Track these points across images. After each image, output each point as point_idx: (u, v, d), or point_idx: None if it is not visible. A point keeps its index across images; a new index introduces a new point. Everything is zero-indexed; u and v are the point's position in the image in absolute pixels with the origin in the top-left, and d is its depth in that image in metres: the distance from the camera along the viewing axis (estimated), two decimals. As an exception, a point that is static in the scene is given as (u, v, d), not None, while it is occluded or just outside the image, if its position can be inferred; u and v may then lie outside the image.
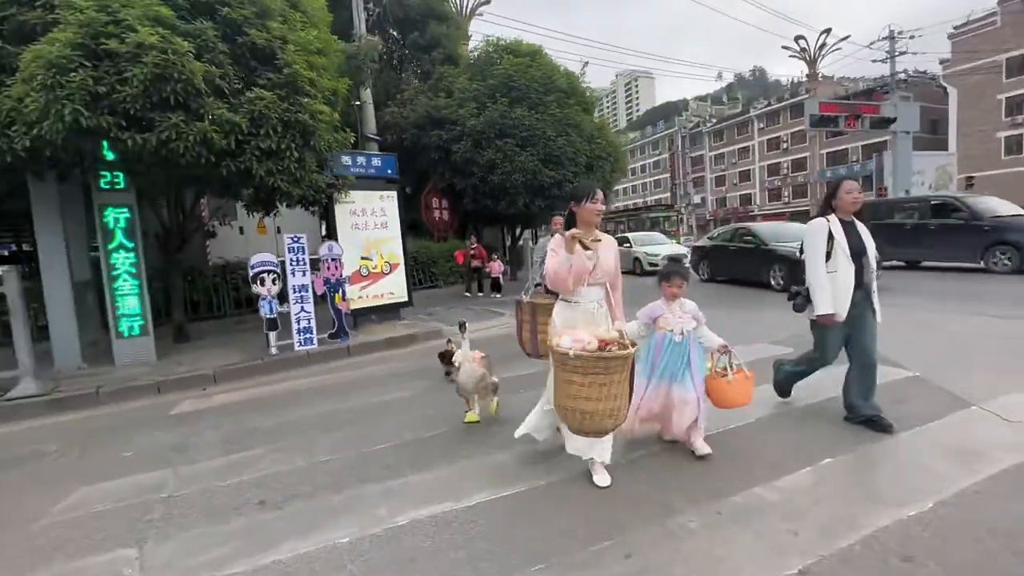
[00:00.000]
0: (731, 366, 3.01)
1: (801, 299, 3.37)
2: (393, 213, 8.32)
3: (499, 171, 11.23)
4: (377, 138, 12.19)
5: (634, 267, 14.32)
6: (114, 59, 4.42)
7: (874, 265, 3.18)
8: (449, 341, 5.11)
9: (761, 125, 53.43)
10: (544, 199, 11.66)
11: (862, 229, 3.19)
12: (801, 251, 3.37)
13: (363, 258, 7.95)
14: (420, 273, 12.04)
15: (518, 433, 2.93)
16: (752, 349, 4.94)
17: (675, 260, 3.54)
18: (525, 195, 11.48)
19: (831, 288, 3.13)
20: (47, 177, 5.71)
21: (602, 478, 2.69)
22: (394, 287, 8.35)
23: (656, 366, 3.03)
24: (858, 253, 3.12)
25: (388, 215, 8.25)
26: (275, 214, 8.12)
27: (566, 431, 2.69)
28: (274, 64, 5.45)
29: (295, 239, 6.68)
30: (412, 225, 16.34)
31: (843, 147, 44.47)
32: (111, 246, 6.16)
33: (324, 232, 9.81)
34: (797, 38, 32.31)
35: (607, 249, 2.79)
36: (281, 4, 5.84)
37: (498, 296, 10.71)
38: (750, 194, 54.71)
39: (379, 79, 13.62)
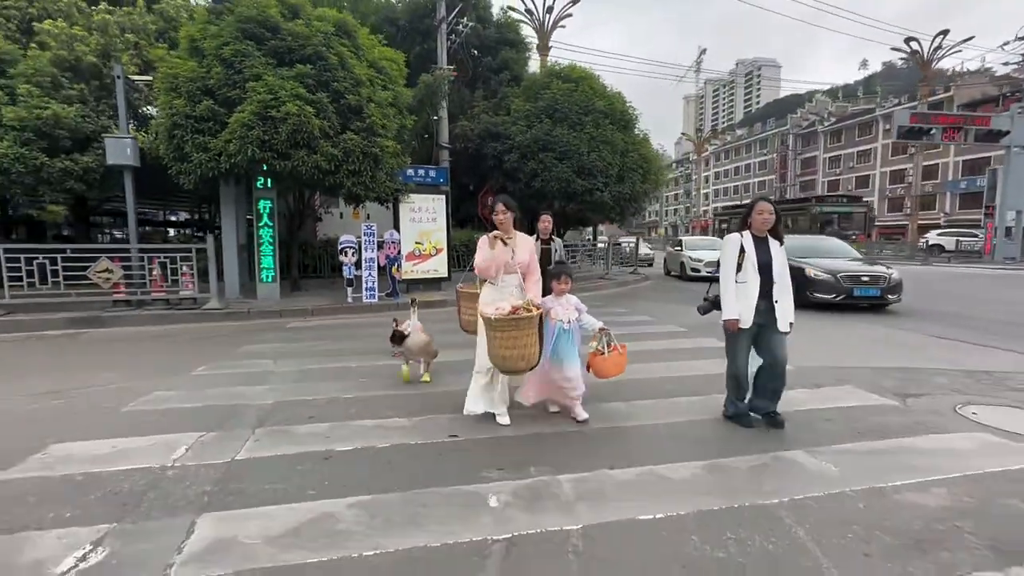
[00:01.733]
0: (607, 345, 3.68)
1: (706, 304, 3.85)
2: (441, 211, 11.50)
3: (540, 179, 13.95)
4: (448, 146, 15.48)
5: (681, 271, 15.42)
6: (273, 120, 7.95)
7: (777, 279, 3.51)
8: (395, 321, 5.58)
9: (887, 127, 49.22)
10: (575, 204, 14.19)
11: (773, 246, 3.57)
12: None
13: (416, 243, 11.24)
14: (467, 257, 15.15)
15: (467, 411, 3.65)
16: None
17: (560, 262, 4.57)
18: (560, 200, 14.10)
19: (738, 297, 3.51)
20: (230, 181, 9.61)
21: (503, 418, 3.61)
22: (438, 266, 11.56)
23: (550, 349, 3.62)
24: (765, 267, 3.51)
25: (437, 212, 11.44)
26: (362, 206, 11.72)
27: (469, 393, 3.67)
28: (361, 115, 8.77)
29: (368, 227, 10.09)
30: (468, 218, 19.50)
31: (984, 155, 39.85)
32: (260, 224, 9.98)
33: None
34: (908, 40, 30.35)
35: (522, 246, 3.72)
36: (369, 72, 9.17)
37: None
38: (867, 203, 51.10)
39: (455, 96, 16.87)
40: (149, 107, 11.02)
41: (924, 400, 4.22)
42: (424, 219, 11.29)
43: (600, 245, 17.18)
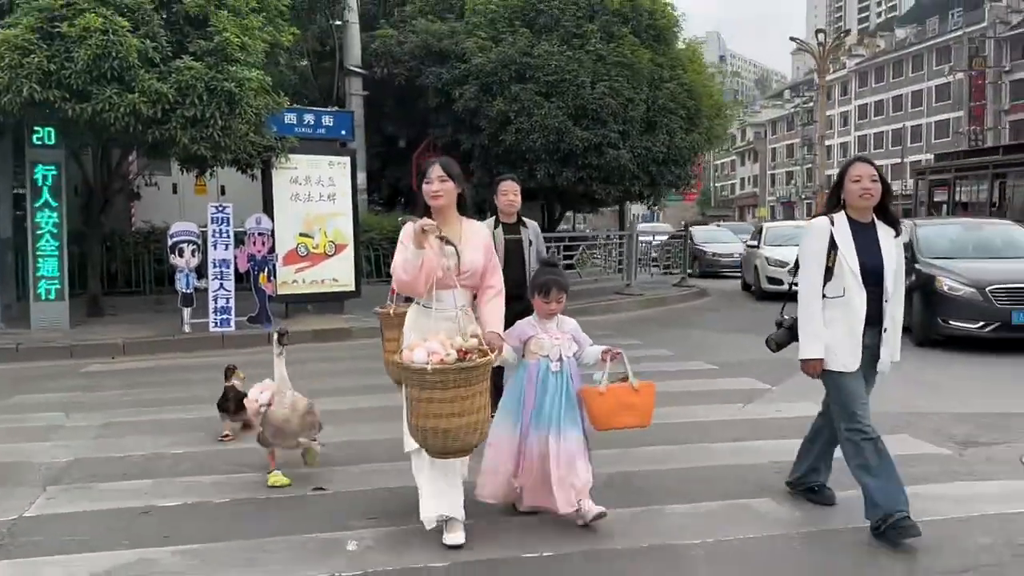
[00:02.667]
0: (629, 374, 4.08)
1: (782, 332, 4.30)
2: (344, 183, 12.91)
3: (514, 128, 15.46)
4: (361, 71, 17.08)
5: (756, 280, 16.98)
6: (64, 40, 9.32)
7: (891, 290, 3.99)
8: (231, 370, 6.03)
9: None
10: (575, 169, 15.68)
11: (885, 237, 4.03)
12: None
13: (302, 235, 12.59)
14: (382, 260, 16.45)
15: (426, 518, 3.92)
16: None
17: (549, 264, 4.75)
18: (548, 162, 15.58)
19: (829, 321, 4.03)
20: (-13, 134, 10.96)
21: (455, 536, 3.84)
22: (339, 273, 12.91)
23: (532, 409, 4.04)
24: (874, 272, 3.97)
25: (337, 186, 12.85)
26: (210, 174, 13.08)
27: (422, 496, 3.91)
28: (205, 30, 10.19)
29: (219, 208, 11.44)
30: (396, 193, 20.86)
31: None
32: (37, 204, 11.28)
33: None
34: None
35: (472, 242, 4.00)
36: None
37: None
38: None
39: (374, -15, 18.54)
40: None
41: (990, 449, 5.62)
42: (315, 195, 12.65)
43: (613, 238, 18.56)
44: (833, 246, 3.97)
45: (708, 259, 23.96)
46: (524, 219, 6.39)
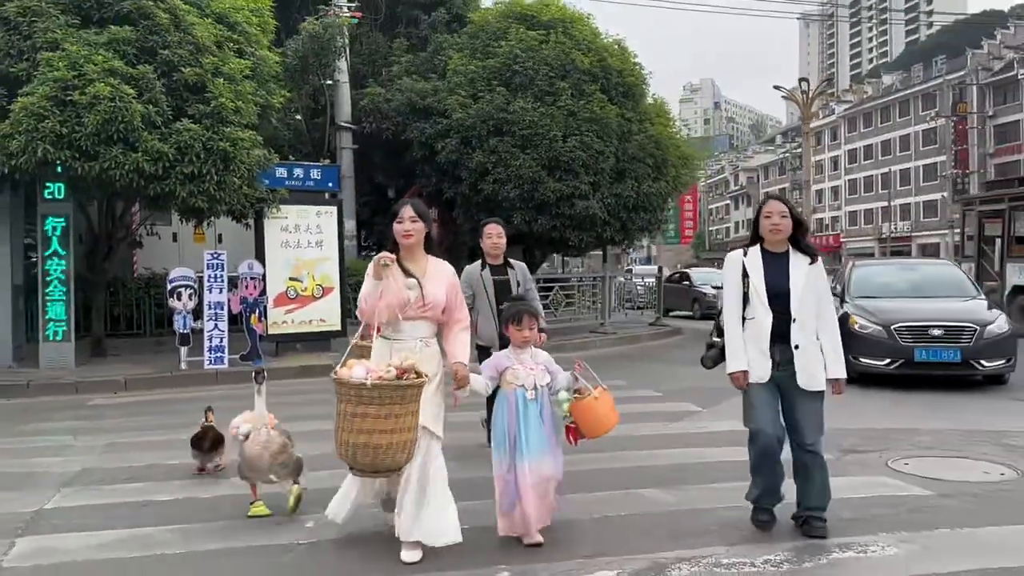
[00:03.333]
0: (590, 385, 4.56)
1: (713, 352, 4.83)
2: (331, 231, 14.00)
3: (491, 178, 16.59)
4: (351, 126, 18.28)
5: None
6: (76, 106, 10.46)
7: (797, 310, 4.50)
8: (208, 411, 6.22)
9: None
10: (549, 217, 16.78)
11: (797, 265, 4.56)
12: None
13: (291, 279, 13.64)
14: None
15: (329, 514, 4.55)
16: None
17: (518, 298, 5.25)
18: (524, 210, 16.68)
19: (744, 340, 4.55)
20: (4, 189, 12.05)
21: (412, 553, 4.18)
22: (326, 314, 13.94)
23: (518, 438, 4.36)
24: (780, 295, 4.49)
25: (324, 233, 13.93)
26: (208, 224, 14.17)
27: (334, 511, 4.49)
28: (203, 95, 11.35)
29: (215, 255, 12.51)
30: (385, 240, 22.06)
31: None
32: (47, 253, 12.35)
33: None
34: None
35: (437, 278, 4.37)
36: (216, 32, 11.83)
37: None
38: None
39: (364, 46, 19.84)
40: None
41: (865, 455, 6.70)
42: (304, 242, 13.73)
43: (587, 280, 19.57)
44: (745, 274, 4.59)
45: (708, 301, 23.82)
46: (510, 260, 6.73)
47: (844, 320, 10.55)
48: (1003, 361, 10.39)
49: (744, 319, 4.60)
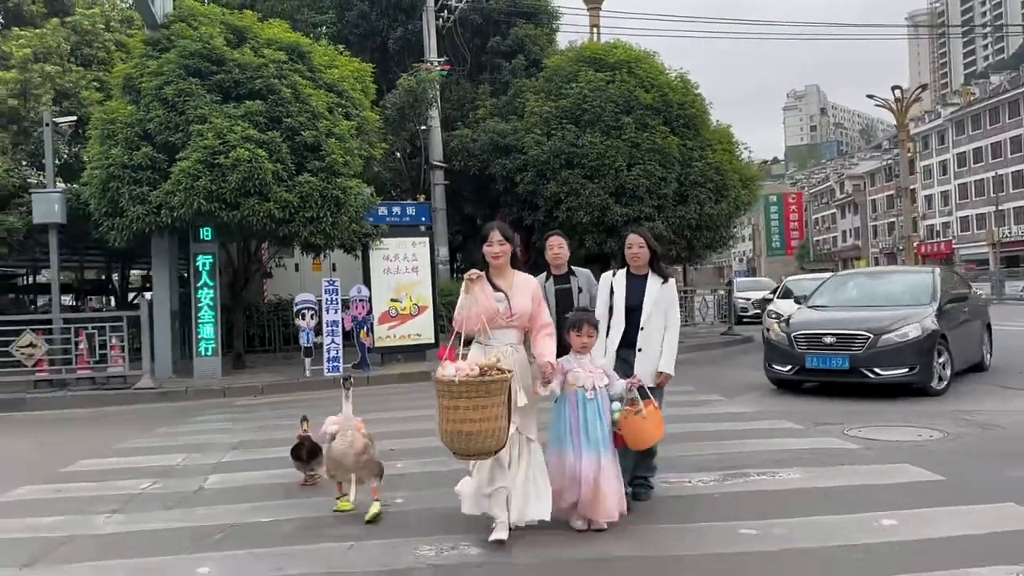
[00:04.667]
0: (640, 399, 5.08)
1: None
2: (424, 258, 16.53)
3: (564, 206, 18.82)
4: (443, 165, 20.85)
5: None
6: (221, 168, 13.29)
7: (645, 320, 5.63)
8: (304, 421, 6.60)
9: None
10: (617, 239, 18.80)
11: (653, 284, 5.73)
12: None
13: (392, 300, 16.21)
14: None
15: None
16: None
17: (583, 310, 5.76)
18: (595, 233, 18.82)
19: (606, 344, 5.65)
20: (164, 235, 15.05)
21: (500, 533, 4.76)
22: (421, 329, 16.44)
23: (579, 432, 4.95)
24: (633, 309, 5.65)
25: (419, 260, 16.47)
26: (324, 255, 16.96)
27: (462, 492, 5.01)
28: (319, 153, 14.06)
29: (331, 282, 15.17)
30: (475, 263, 24.52)
31: None
32: (198, 284, 15.27)
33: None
34: None
35: (521, 291, 5.00)
36: (327, 99, 14.55)
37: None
38: None
39: (453, 92, 22.42)
40: (68, 150, 16.95)
41: (832, 427, 8.59)
42: (402, 269, 16.29)
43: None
44: (612, 291, 5.88)
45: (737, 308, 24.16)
46: (574, 268, 6.97)
47: (766, 330, 11.51)
48: (902, 370, 10.12)
49: (609, 327, 5.79)
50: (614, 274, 5.98)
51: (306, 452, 6.45)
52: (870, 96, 51.01)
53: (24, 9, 19.57)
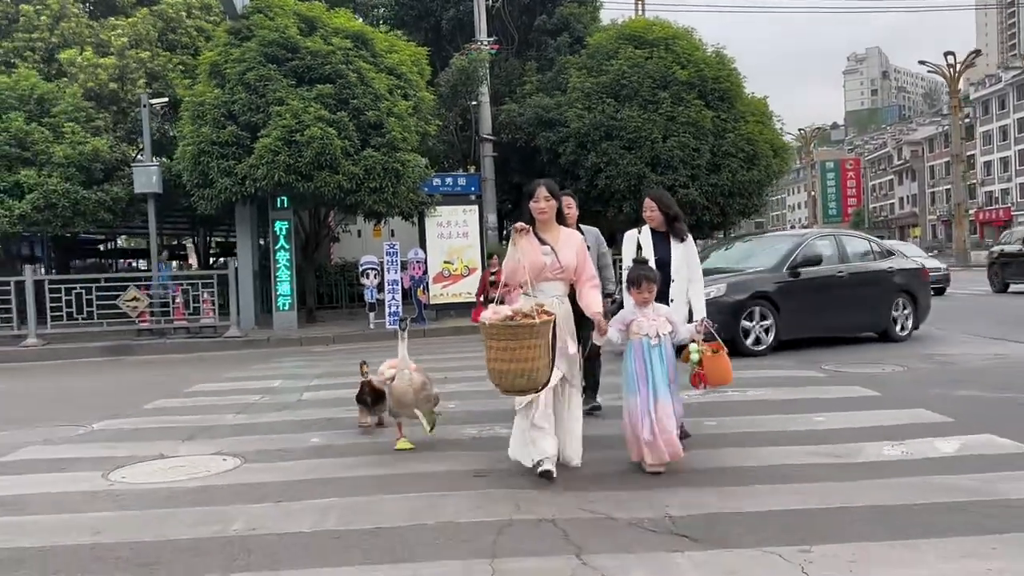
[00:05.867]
0: (715, 337, 5.58)
1: (614, 308, 6.01)
2: (474, 224, 18.44)
3: (604, 175, 20.46)
4: (491, 138, 22.60)
5: None
6: (298, 144, 15.27)
7: (674, 275, 5.97)
8: (364, 364, 6.84)
9: None
10: (652, 205, 20.44)
11: (674, 243, 6.08)
12: None
13: (445, 262, 18.17)
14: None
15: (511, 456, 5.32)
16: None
17: (640, 262, 5.83)
18: (632, 201, 20.40)
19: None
20: (247, 203, 17.17)
21: (547, 465, 5.01)
22: (471, 287, 18.30)
23: (646, 378, 5.16)
24: (661, 265, 5.86)
25: (469, 226, 18.38)
26: (384, 222, 18.97)
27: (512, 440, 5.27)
28: (381, 131, 15.97)
29: (391, 246, 17.15)
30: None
31: None
32: (276, 247, 17.36)
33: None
34: None
35: (567, 245, 5.22)
36: (388, 81, 16.43)
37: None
38: None
39: (501, 69, 24.08)
40: (163, 128, 19.16)
41: (813, 364, 10.26)
42: (454, 234, 18.20)
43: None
44: (639, 246, 6.18)
45: None
46: (581, 226, 7.10)
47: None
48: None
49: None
50: (640, 231, 6.36)
51: (371, 397, 6.58)
52: (922, 62, 51.19)
53: (117, 1, 21.76)
